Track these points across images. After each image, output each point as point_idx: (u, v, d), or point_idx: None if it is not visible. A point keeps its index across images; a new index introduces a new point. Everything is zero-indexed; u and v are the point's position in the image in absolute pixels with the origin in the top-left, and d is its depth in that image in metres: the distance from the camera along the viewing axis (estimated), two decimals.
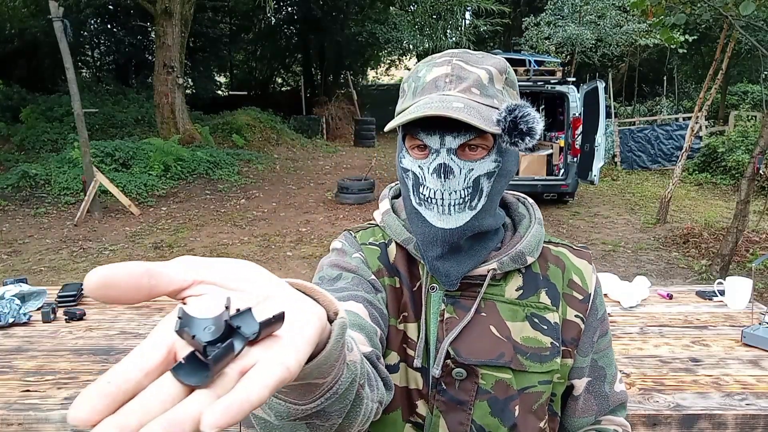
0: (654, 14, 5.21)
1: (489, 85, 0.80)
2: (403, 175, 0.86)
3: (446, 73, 0.80)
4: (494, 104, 0.79)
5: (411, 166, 0.83)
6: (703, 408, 1.47)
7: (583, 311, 0.89)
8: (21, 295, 2.16)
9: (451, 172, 0.78)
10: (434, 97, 0.77)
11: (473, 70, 0.80)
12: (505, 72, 0.83)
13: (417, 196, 0.83)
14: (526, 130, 0.74)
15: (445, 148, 0.78)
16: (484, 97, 0.79)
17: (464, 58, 0.82)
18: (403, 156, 0.85)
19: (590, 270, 0.93)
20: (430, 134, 0.78)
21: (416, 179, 0.82)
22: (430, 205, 0.81)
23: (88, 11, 17.46)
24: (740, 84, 17.03)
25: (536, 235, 0.89)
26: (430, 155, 0.80)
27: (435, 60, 0.83)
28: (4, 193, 8.39)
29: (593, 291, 0.91)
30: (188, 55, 16.36)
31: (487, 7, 14.34)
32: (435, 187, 0.80)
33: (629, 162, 12.28)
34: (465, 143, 0.78)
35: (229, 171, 10.36)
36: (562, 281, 0.90)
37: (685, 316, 2.15)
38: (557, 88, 8.24)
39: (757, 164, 5.15)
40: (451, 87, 0.78)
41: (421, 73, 0.83)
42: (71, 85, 7.18)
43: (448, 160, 0.78)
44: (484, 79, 0.79)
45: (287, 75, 25.32)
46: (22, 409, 1.44)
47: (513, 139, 0.75)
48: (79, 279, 5.10)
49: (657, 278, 5.27)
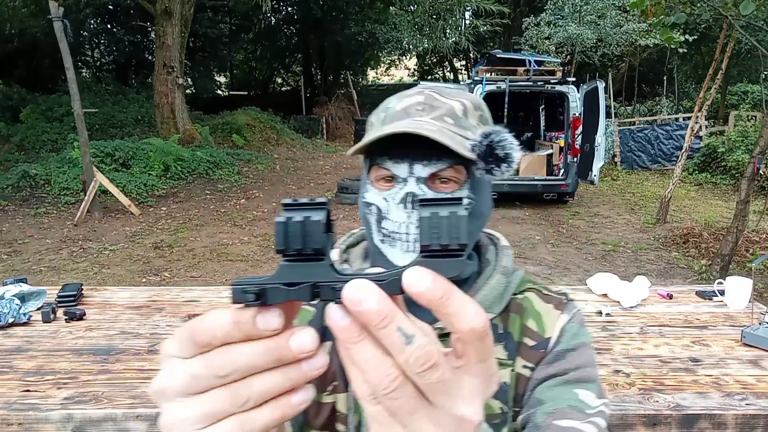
0: (654, 14, 5.21)
1: (463, 117, 0.75)
2: (365, 212, 0.77)
3: (418, 101, 0.75)
4: (468, 135, 0.73)
5: (375, 199, 0.75)
6: (703, 408, 1.47)
7: (535, 359, 0.78)
8: (21, 295, 2.16)
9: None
10: (404, 122, 0.72)
11: (447, 101, 0.75)
12: (479, 108, 0.78)
13: (379, 233, 0.75)
14: (502, 156, 0.68)
15: (414, 177, 0.72)
16: (457, 127, 0.73)
17: (437, 90, 0.78)
18: (366, 190, 0.77)
19: (555, 314, 0.81)
20: (397, 161, 0.72)
21: (379, 213, 0.74)
22: (393, 241, 0.73)
23: (88, 11, 17.48)
24: (740, 84, 17.03)
25: (495, 288, 0.79)
26: (397, 185, 0.73)
27: (406, 93, 0.79)
28: (4, 193, 8.39)
29: (556, 333, 0.80)
30: (188, 55, 16.37)
31: (487, 8, 14.33)
32: (400, 219, 0.72)
33: (629, 162, 12.28)
34: (436, 173, 0.72)
35: (229, 171, 10.36)
36: (518, 329, 0.80)
37: (685, 316, 2.15)
38: (557, 88, 8.24)
39: (757, 164, 5.15)
40: (423, 114, 0.73)
41: (391, 104, 0.78)
42: (71, 85, 7.18)
43: (416, 189, 0.71)
44: (457, 111, 0.75)
45: (287, 75, 25.34)
46: (22, 409, 1.44)
47: (488, 166, 0.69)
48: (79, 279, 5.11)
49: (657, 278, 5.27)
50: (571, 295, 0.85)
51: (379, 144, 0.71)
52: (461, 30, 16.25)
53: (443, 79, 22.58)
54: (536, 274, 5.47)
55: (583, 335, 0.81)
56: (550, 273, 5.51)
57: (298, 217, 0.30)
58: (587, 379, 0.76)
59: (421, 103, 0.75)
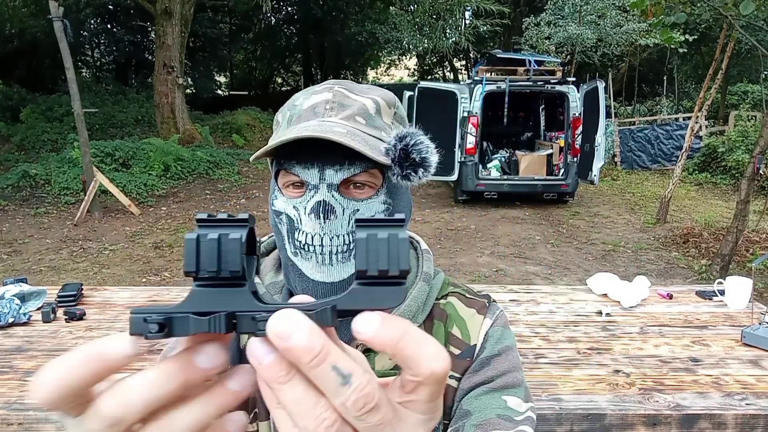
0: (654, 14, 5.21)
1: (376, 116, 0.70)
2: (276, 221, 0.71)
3: (327, 100, 0.69)
4: (382, 136, 0.68)
5: (284, 207, 0.69)
6: (703, 408, 1.47)
7: (461, 369, 0.75)
8: (21, 295, 2.16)
9: (332, 212, 0.66)
10: (312, 123, 0.66)
11: (358, 99, 0.70)
12: (394, 105, 0.74)
13: (292, 244, 0.69)
14: (419, 161, 0.64)
15: (325, 183, 0.66)
16: (370, 127, 0.69)
17: (348, 86, 0.72)
18: (275, 197, 0.71)
19: (478, 319, 0.78)
20: (307, 167, 0.66)
21: (291, 223, 0.69)
22: (307, 253, 0.68)
23: (88, 11, 17.49)
24: (740, 84, 17.03)
25: (418, 297, 0.75)
26: (307, 192, 0.67)
27: (314, 88, 0.73)
28: (4, 193, 8.39)
29: (480, 339, 0.77)
30: (188, 55, 16.37)
31: (487, 8, 14.34)
32: (312, 231, 0.67)
33: (629, 162, 12.28)
34: (349, 179, 0.67)
35: (229, 171, 10.37)
36: (443, 337, 0.76)
37: (685, 316, 2.15)
38: (557, 88, 8.24)
39: (757, 164, 5.15)
40: (332, 114, 0.68)
41: (298, 101, 0.72)
42: (71, 85, 7.18)
43: (328, 198, 0.66)
44: (370, 109, 0.70)
45: (287, 75, 25.37)
46: (22, 409, 1.44)
47: (404, 171, 0.65)
48: (79, 279, 5.11)
49: (657, 278, 5.27)
50: (571, 295, 0.83)
51: (285, 146, 0.65)
52: (461, 30, 16.25)
53: (443, 79, 22.59)
54: (536, 274, 5.47)
55: (507, 338, 0.78)
56: (550, 273, 5.51)
57: (213, 234, 0.27)
58: (513, 384, 0.74)
59: (329, 101, 0.69)
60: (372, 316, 0.26)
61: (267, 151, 0.66)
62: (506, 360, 0.76)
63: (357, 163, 0.66)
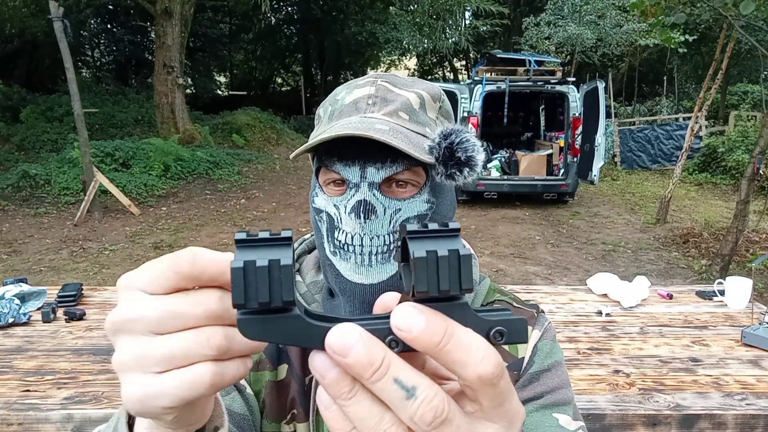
0: (653, 14, 5.21)
1: (420, 111, 0.67)
2: (316, 218, 0.70)
3: (369, 94, 0.67)
4: (426, 132, 0.65)
5: (325, 205, 0.67)
6: (703, 408, 1.47)
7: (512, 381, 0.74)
8: (21, 295, 2.16)
9: (373, 212, 0.64)
10: (353, 119, 0.64)
11: (401, 93, 0.67)
12: (439, 99, 0.71)
13: (331, 243, 0.67)
14: (464, 160, 0.61)
15: (366, 182, 0.64)
16: (414, 123, 0.66)
17: (391, 80, 0.69)
18: (315, 194, 0.69)
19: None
20: (348, 165, 0.64)
21: (331, 221, 0.67)
22: (346, 253, 0.66)
23: (88, 11, 17.48)
24: (740, 84, 17.03)
25: None
26: (348, 191, 0.65)
27: (356, 82, 0.70)
28: (4, 193, 8.39)
29: (529, 352, 0.74)
30: (188, 55, 16.37)
31: (487, 8, 14.34)
32: (352, 230, 0.65)
33: (629, 162, 12.28)
34: (391, 177, 0.65)
35: (229, 171, 10.37)
36: None
37: (685, 316, 2.15)
38: (557, 88, 8.24)
39: (757, 164, 5.15)
40: (375, 109, 0.65)
41: (340, 95, 0.69)
42: (71, 85, 7.18)
43: (369, 197, 0.64)
44: (414, 104, 0.67)
45: (287, 75, 25.37)
46: (22, 409, 1.44)
47: (449, 170, 0.62)
48: (79, 279, 5.11)
49: (657, 278, 5.27)
50: (571, 295, 0.82)
51: (326, 143, 0.63)
52: (461, 30, 16.23)
53: (443, 79, 22.58)
54: (536, 274, 5.47)
55: (557, 353, 0.75)
56: (550, 273, 5.51)
57: (262, 260, 0.24)
58: (564, 401, 0.71)
59: (372, 96, 0.66)
60: (413, 312, 0.24)
61: (307, 148, 0.65)
62: (556, 375, 0.73)
63: (399, 160, 0.64)
